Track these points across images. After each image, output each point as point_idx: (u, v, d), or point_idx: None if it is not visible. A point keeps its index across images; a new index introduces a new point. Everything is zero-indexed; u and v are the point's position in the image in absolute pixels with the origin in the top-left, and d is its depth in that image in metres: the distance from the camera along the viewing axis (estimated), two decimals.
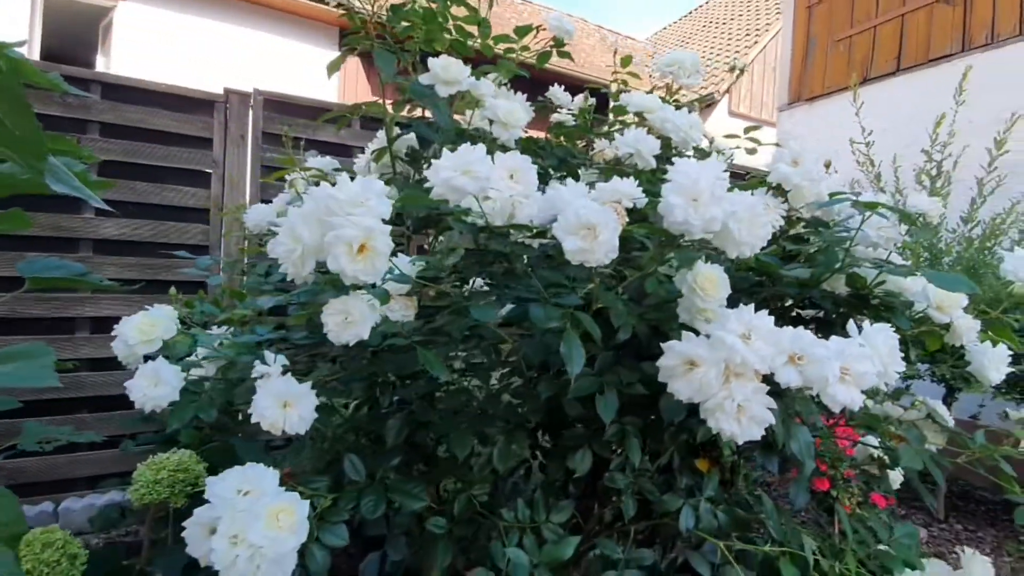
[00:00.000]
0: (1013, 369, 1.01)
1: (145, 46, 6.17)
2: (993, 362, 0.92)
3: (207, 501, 1.88)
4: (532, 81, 1.42)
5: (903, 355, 0.78)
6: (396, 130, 1.31)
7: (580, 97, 1.39)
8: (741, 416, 0.71)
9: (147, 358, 0.93)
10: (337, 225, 0.67)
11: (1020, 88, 3.29)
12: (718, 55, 10.47)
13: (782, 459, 1.03)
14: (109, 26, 6.38)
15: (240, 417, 1.86)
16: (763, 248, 0.79)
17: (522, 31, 1.26)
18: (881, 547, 0.96)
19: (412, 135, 1.22)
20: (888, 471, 1.56)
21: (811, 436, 0.96)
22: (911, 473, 1.04)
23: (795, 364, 0.72)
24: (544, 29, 1.32)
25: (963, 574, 0.96)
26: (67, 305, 2.23)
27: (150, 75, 2.78)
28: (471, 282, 0.97)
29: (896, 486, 1.52)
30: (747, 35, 10.32)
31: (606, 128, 1.38)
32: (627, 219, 0.71)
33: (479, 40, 1.16)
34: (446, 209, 0.76)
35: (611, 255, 0.66)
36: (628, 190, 0.73)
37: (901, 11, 3.93)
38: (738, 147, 1.34)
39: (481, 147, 0.71)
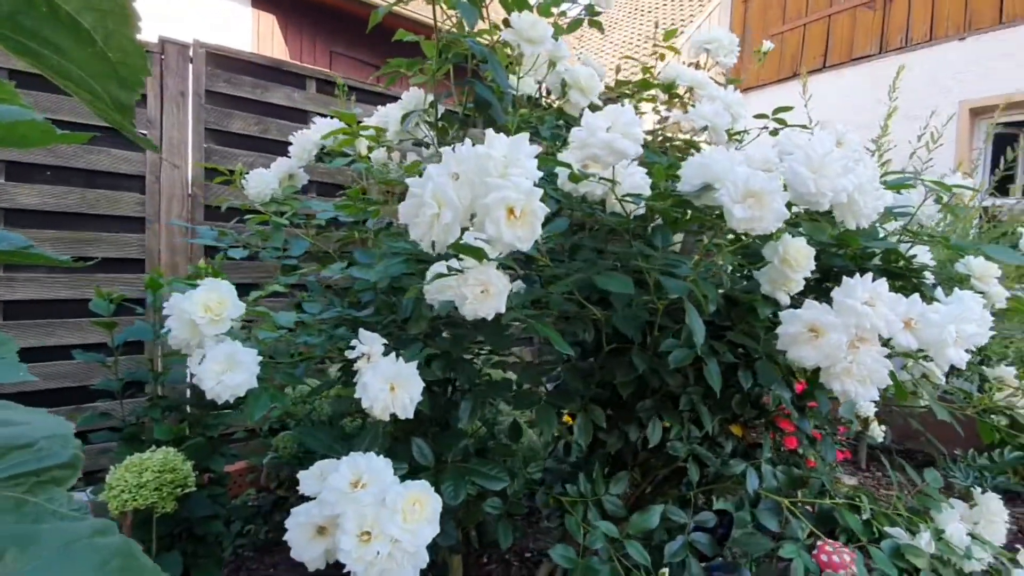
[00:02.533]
0: None
1: None
2: None
3: (196, 504, 1.68)
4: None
5: None
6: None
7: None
8: (865, 378, 0.75)
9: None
10: (495, 187, 0.61)
11: (930, 87, 3.73)
12: (645, 43, 10.84)
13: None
14: None
15: (216, 406, 1.68)
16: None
17: None
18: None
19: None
20: (872, 425, 1.75)
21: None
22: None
23: (910, 328, 0.77)
24: None
25: (979, 511, 1.10)
26: None
27: None
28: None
29: (879, 440, 1.71)
30: (672, 24, 10.75)
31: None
32: None
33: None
34: (583, 173, 0.71)
35: (779, 222, 0.66)
36: (775, 158, 0.73)
37: (828, 12, 4.29)
38: (765, 127, 1.40)
39: (630, 107, 0.68)
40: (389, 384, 0.73)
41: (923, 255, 1.10)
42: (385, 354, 0.76)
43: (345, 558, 0.64)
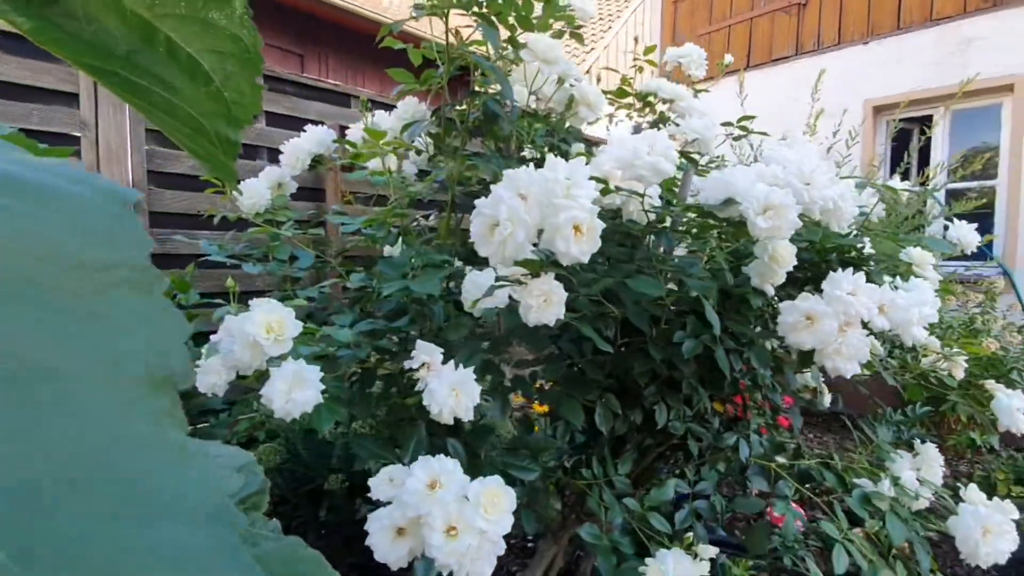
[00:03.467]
0: None
1: None
2: None
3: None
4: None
5: None
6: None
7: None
8: (852, 357, 0.90)
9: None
10: (564, 207, 0.68)
11: (839, 86, 4.15)
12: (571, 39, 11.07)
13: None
14: None
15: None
16: None
17: (560, 8, 1.29)
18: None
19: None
20: (820, 393, 2.00)
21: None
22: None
23: (883, 312, 0.92)
24: None
25: (920, 459, 1.31)
26: None
27: None
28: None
29: (826, 407, 1.95)
30: (600, 20, 11.07)
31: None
32: None
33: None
34: (618, 189, 0.80)
35: (792, 230, 0.78)
36: (774, 172, 0.85)
37: (750, 15, 4.64)
38: (730, 134, 1.55)
39: (664, 133, 0.77)
40: (454, 390, 0.79)
41: (867, 245, 1.29)
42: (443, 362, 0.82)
43: (436, 553, 0.69)
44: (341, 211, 1.38)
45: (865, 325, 0.93)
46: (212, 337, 0.82)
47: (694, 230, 0.95)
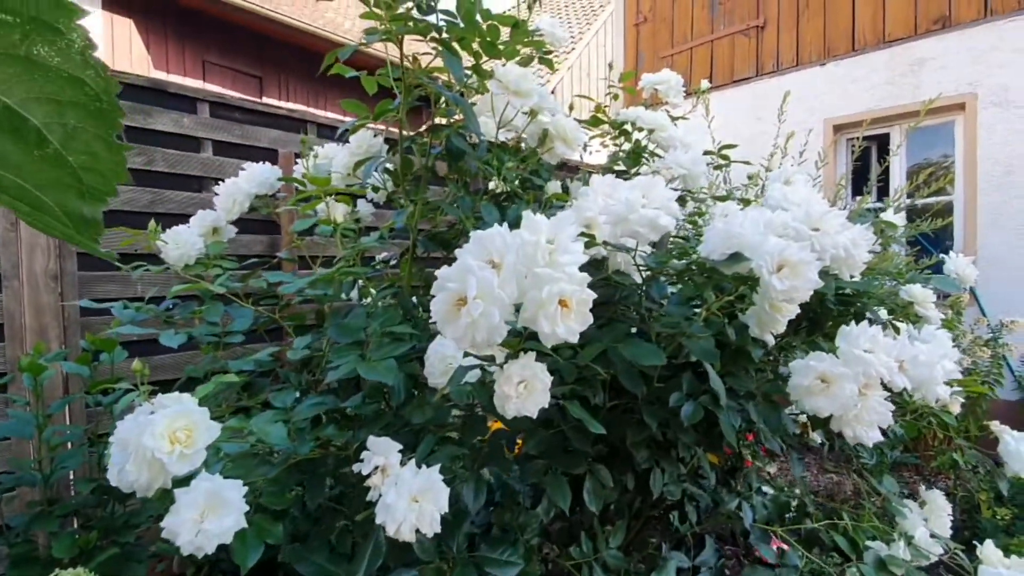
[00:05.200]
0: None
1: None
2: None
3: None
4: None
5: None
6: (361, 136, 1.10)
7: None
8: (873, 423, 0.79)
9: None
10: (548, 279, 0.55)
11: (799, 106, 4.22)
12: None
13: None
14: None
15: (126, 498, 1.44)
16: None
17: (529, 33, 1.18)
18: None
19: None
20: (809, 429, 1.91)
21: None
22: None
23: (903, 370, 0.82)
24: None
25: (929, 508, 1.22)
26: None
27: None
28: None
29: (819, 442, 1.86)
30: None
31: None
32: None
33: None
34: (607, 243, 0.67)
35: (812, 290, 0.66)
36: (784, 220, 0.74)
37: (711, 38, 4.70)
38: (711, 163, 1.46)
39: (660, 179, 0.65)
40: (415, 499, 0.64)
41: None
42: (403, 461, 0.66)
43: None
44: (290, 258, 1.21)
45: (884, 386, 0.83)
46: (112, 437, 0.64)
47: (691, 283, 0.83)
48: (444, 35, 0.96)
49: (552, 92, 10.03)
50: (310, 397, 0.83)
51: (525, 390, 0.61)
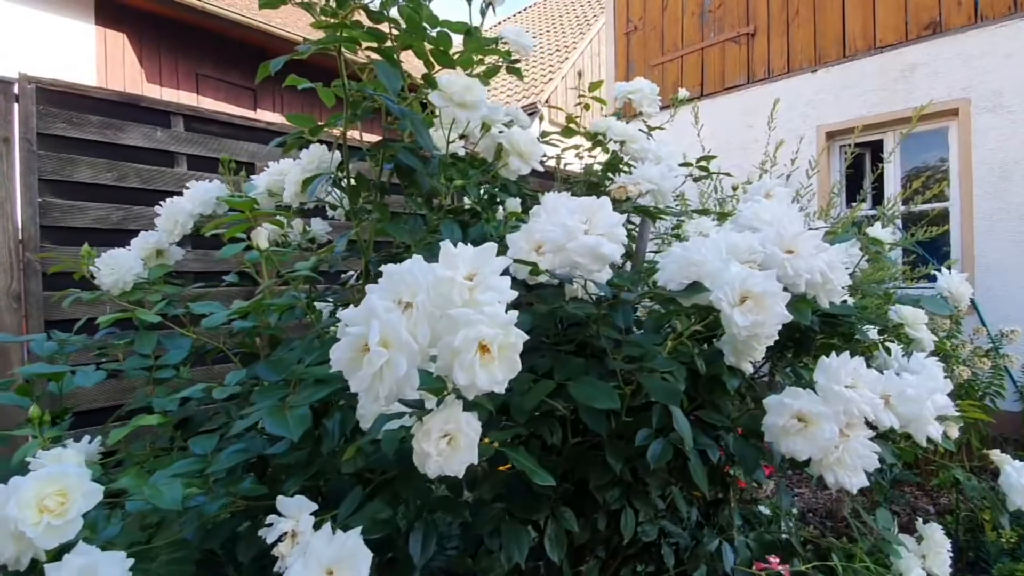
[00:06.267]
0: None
1: None
2: None
3: None
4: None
5: None
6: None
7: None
8: (857, 467, 0.71)
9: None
10: (464, 321, 0.47)
11: (791, 113, 4.17)
12: (533, 66, 11.16)
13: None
14: None
15: None
16: None
17: (490, 41, 1.11)
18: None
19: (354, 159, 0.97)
20: None
21: None
22: None
23: (889, 406, 0.74)
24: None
25: (926, 544, 1.13)
26: None
27: None
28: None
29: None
30: (557, 51, 11.21)
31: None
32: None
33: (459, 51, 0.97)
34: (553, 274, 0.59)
35: (779, 326, 0.58)
36: (751, 243, 0.67)
37: (701, 46, 4.66)
38: (690, 174, 1.39)
39: (607, 201, 0.57)
40: (329, 572, 0.55)
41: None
42: (316, 524, 0.58)
43: None
44: (235, 283, 1.13)
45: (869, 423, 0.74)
46: None
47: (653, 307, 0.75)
48: (392, 43, 0.89)
49: (546, 101, 10.01)
50: (235, 442, 0.75)
51: (449, 446, 0.53)
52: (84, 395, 1.86)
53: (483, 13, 0.95)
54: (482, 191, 1.18)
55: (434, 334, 0.48)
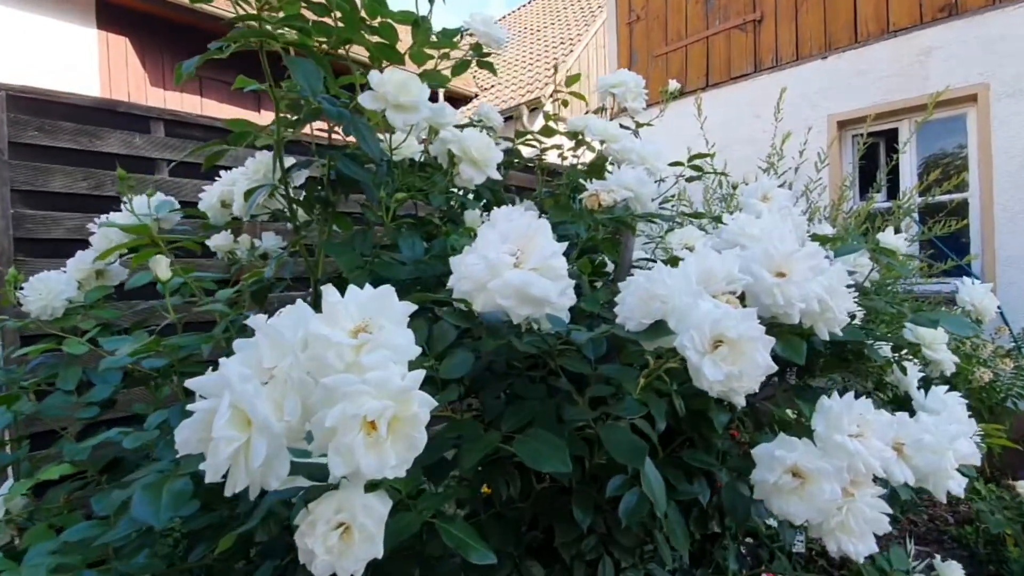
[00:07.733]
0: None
1: None
2: None
3: None
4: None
5: None
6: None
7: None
8: (865, 532, 0.59)
9: None
10: (341, 393, 0.36)
11: (800, 102, 3.99)
12: (536, 61, 10.97)
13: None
14: None
15: None
16: None
17: (450, 34, 0.99)
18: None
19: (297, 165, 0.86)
20: None
21: None
22: None
23: (903, 456, 0.62)
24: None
25: None
26: None
27: None
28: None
29: None
30: (562, 43, 11.00)
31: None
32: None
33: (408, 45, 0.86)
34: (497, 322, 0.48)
35: (760, 379, 0.47)
36: (730, 269, 0.55)
37: (706, 34, 4.49)
38: (682, 174, 1.27)
39: (546, 223, 0.46)
40: None
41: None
42: None
43: None
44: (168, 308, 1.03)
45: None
46: None
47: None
48: (326, 41, 0.78)
49: (551, 95, 9.83)
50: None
51: (341, 541, 0.42)
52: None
53: (431, 1, 0.84)
54: (452, 199, 1.07)
55: (308, 407, 0.38)
